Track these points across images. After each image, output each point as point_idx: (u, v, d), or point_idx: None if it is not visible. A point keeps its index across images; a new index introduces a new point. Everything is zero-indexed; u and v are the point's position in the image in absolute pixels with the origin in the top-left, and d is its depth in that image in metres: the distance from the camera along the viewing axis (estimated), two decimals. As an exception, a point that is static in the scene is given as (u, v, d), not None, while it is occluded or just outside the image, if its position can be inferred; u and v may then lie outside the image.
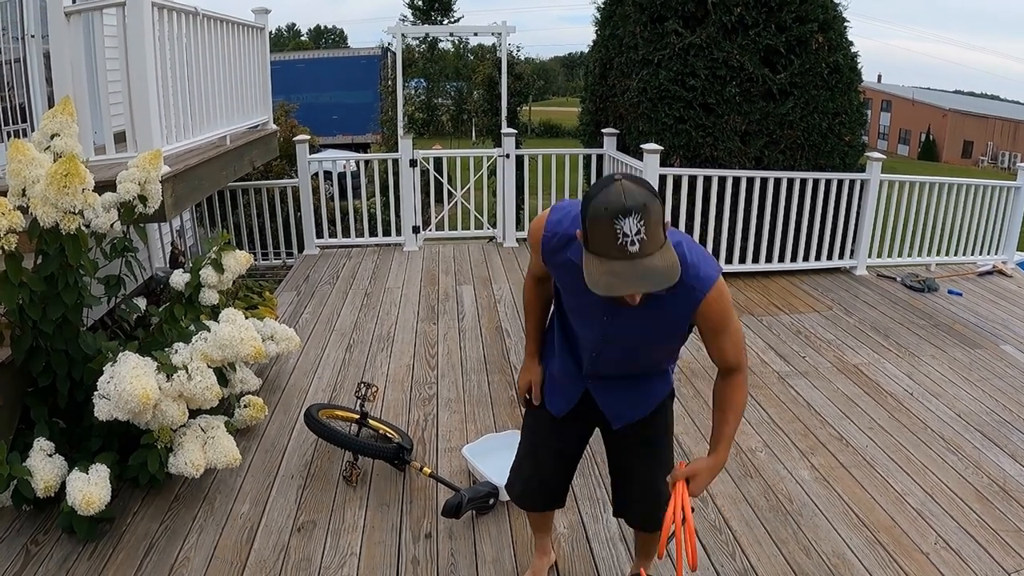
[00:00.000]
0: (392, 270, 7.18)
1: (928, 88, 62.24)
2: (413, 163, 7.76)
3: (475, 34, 12.23)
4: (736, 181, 6.75)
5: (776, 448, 3.93)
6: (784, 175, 6.81)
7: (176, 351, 3.33)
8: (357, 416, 3.81)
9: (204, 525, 3.24)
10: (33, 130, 4.58)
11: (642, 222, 1.61)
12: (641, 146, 6.57)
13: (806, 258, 7.18)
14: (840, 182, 7.00)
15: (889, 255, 7.61)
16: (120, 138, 4.75)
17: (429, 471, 3.49)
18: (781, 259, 7.11)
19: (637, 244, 1.62)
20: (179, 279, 3.93)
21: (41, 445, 3.15)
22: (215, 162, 5.35)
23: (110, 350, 3.32)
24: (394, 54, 10.57)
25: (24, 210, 3.13)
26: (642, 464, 2.44)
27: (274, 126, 7.33)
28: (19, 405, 3.42)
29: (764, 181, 6.80)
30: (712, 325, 2.00)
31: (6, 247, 2.97)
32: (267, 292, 5.85)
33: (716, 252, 6.93)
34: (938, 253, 7.71)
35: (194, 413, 3.45)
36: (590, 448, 3.83)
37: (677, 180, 6.69)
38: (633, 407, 2.35)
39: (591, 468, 3.68)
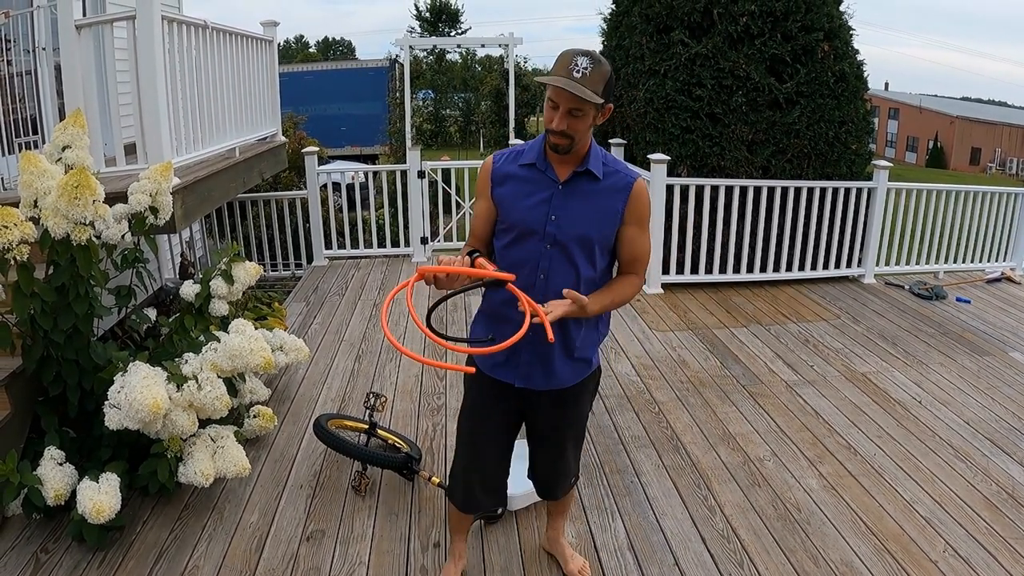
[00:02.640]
0: (400, 281, 7.19)
1: (935, 95, 61.99)
2: (421, 174, 7.79)
3: (482, 46, 12.31)
4: (743, 190, 6.76)
5: (784, 457, 3.92)
6: (791, 184, 6.81)
7: (186, 361, 3.35)
8: (366, 426, 3.82)
9: (213, 534, 3.25)
10: (44, 142, 4.64)
11: (589, 66, 2.08)
12: (648, 156, 6.58)
13: (814, 267, 7.17)
14: (847, 190, 7.00)
15: (897, 263, 7.61)
16: (130, 150, 4.79)
17: (438, 481, 3.50)
18: (789, 268, 7.11)
19: (580, 74, 2.07)
20: (189, 290, 3.96)
21: (52, 454, 3.17)
22: (225, 174, 5.39)
23: (120, 360, 3.35)
24: (402, 66, 10.63)
25: (36, 221, 3.16)
26: (555, 444, 2.64)
27: (283, 138, 7.37)
28: (30, 414, 3.44)
29: (771, 190, 6.80)
30: (639, 215, 2.32)
31: (18, 258, 3.00)
32: (276, 303, 5.88)
33: (723, 261, 6.95)
34: (946, 260, 7.70)
35: (204, 423, 3.46)
36: (597, 459, 3.86)
37: (684, 190, 6.71)
38: (556, 372, 2.44)
39: (599, 478, 3.68)
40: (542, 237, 2.28)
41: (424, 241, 7.99)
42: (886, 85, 62.16)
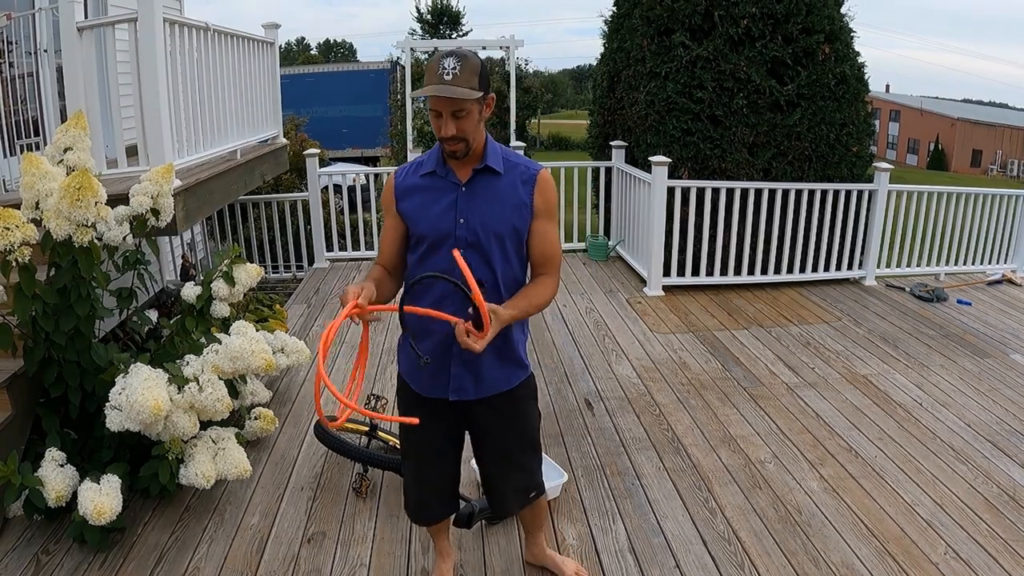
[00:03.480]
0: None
1: (936, 97, 62.07)
2: (422, 176, 7.76)
3: (484, 48, 12.30)
4: (744, 193, 6.76)
5: (785, 459, 3.92)
6: (792, 186, 6.82)
7: (187, 363, 3.35)
8: (367, 428, 3.82)
9: (214, 536, 3.25)
10: (46, 144, 4.64)
11: (457, 64, 2.08)
12: (649, 158, 6.59)
13: (815, 269, 7.17)
14: (848, 193, 7.00)
15: (898, 265, 7.61)
16: (132, 151, 4.80)
17: (438, 482, 3.49)
18: (790, 270, 7.11)
19: (450, 75, 2.07)
20: (190, 292, 3.96)
21: (53, 455, 3.18)
22: (226, 176, 5.39)
23: (122, 361, 3.35)
24: (403, 68, 10.64)
25: (38, 223, 3.17)
26: (500, 456, 2.58)
27: (284, 140, 7.38)
28: (31, 415, 3.45)
29: (772, 192, 6.81)
30: (547, 207, 2.32)
31: (20, 259, 3.01)
32: (277, 305, 5.88)
33: (724, 263, 6.95)
34: (947, 263, 7.70)
35: (205, 425, 3.47)
36: (598, 460, 3.86)
37: (685, 192, 6.71)
38: (487, 374, 2.39)
39: (600, 480, 3.69)
40: (454, 242, 2.24)
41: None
42: (887, 87, 62.27)
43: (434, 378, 2.39)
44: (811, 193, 6.90)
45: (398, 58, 24.34)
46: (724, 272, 7.00)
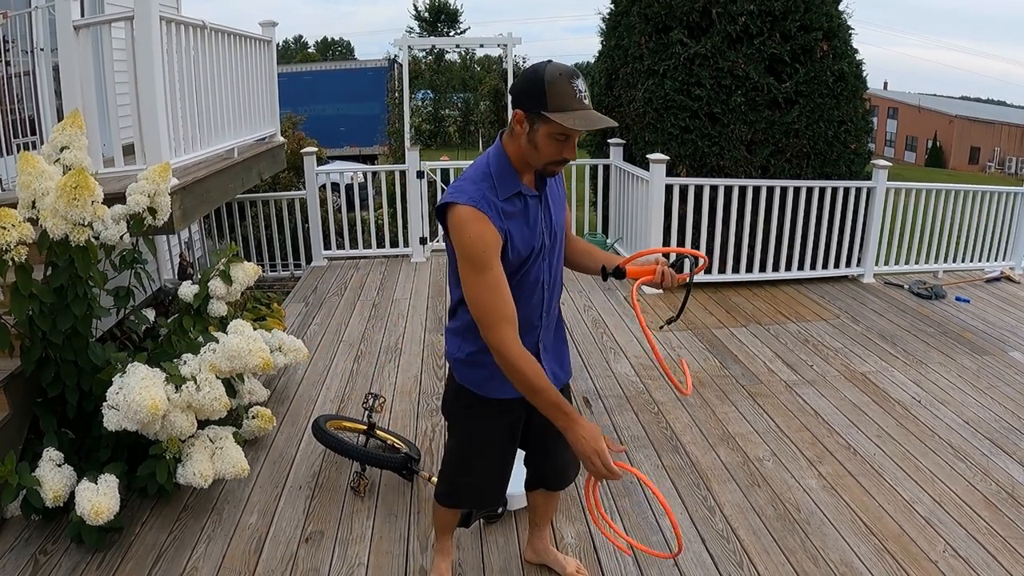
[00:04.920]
0: (400, 281, 7.20)
1: (934, 95, 62.06)
2: (420, 174, 7.78)
3: (481, 45, 12.30)
4: (742, 190, 6.76)
5: (784, 457, 3.92)
6: (790, 184, 6.81)
7: (185, 362, 3.35)
8: (365, 427, 3.82)
9: (212, 535, 3.25)
10: (43, 143, 4.63)
11: (586, 87, 2.00)
12: (647, 156, 6.58)
13: (813, 266, 7.17)
14: (846, 190, 7.00)
15: (896, 262, 7.61)
16: (129, 150, 4.78)
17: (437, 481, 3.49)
18: (788, 268, 7.11)
19: (587, 99, 1.99)
20: (188, 291, 3.95)
21: (50, 455, 3.17)
22: (223, 174, 5.38)
23: (119, 361, 3.34)
24: (401, 66, 10.62)
25: (34, 222, 3.16)
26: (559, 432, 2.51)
27: (281, 138, 7.36)
28: (29, 415, 3.44)
29: (770, 190, 6.80)
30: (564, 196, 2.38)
31: (16, 259, 3.00)
32: (275, 303, 5.87)
33: (723, 261, 6.94)
34: (945, 260, 7.70)
35: (202, 424, 3.46)
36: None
37: (684, 190, 6.70)
38: (563, 365, 2.50)
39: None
40: (540, 253, 2.21)
41: (423, 241, 7.99)
42: (885, 84, 62.21)
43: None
44: (809, 190, 6.89)
45: (396, 56, 24.31)
46: (722, 270, 6.99)
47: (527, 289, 2.22)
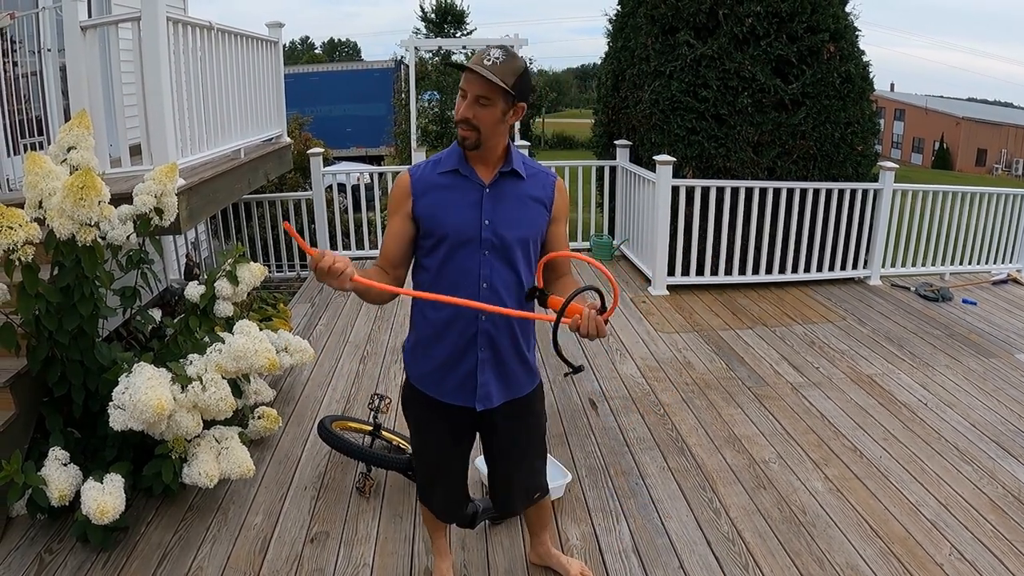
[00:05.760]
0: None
1: (941, 96, 61.84)
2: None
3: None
4: (749, 192, 6.75)
5: (789, 459, 3.91)
6: (797, 185, 6.80)
7: (191, 362, 3.35)
8: (370, 428, 3.82)
9: (217, 535, 3.25)
10: (50, 143, 4.64)
11: (502, 56, 2.09)
12: (654, 157, 6.57)
13: (819, 268, 7.15)
14: (853, 192, 6.98)
15: (903, 265, 7.59)
16: (136, 151, 4.80)
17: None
18: (795, 270, 7.09)
19: (491, 62, 2.08)
20: (194, 291, 3.96)
21: (56, 454, 3.18)
22: (230, 175, 5.39)
23: (125, 361, 3.35)
24: (407, 67, 10.63)
25: (41, 222, 3.17)
26: (518, 458, 2.58)
27: (288, 139, 7.38)
28: (35, 414, 3.45)
29: (777, 191, 6.79)
30: (563, 211, 2.37)
31: (23, 258, 3.00)
32: (281, 304, 5.88)
33: (729, 262, 6.93)
34: (952, 262, 7.67)
35: (208, 424, 3.46)
36: (602, 460, 3.85)
37: (690, 191, 6.69)
38: (512, 379, 2.41)
39: (604, 480, 3.68)
40: (479, 244, 2.22)
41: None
42: (892, 86, 62.03)
43: (460, 386, 2.36)
44: (816, 192, 6.88)
45: (402, 57, 24.33)
46: (729, 271, 6.98)
47: (452, 275, 2.24)
